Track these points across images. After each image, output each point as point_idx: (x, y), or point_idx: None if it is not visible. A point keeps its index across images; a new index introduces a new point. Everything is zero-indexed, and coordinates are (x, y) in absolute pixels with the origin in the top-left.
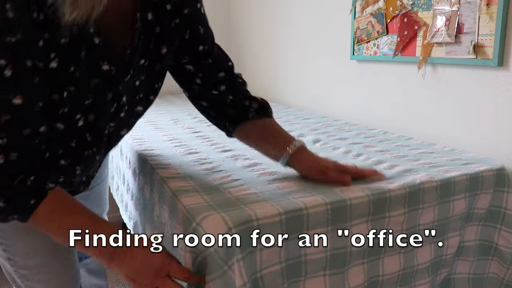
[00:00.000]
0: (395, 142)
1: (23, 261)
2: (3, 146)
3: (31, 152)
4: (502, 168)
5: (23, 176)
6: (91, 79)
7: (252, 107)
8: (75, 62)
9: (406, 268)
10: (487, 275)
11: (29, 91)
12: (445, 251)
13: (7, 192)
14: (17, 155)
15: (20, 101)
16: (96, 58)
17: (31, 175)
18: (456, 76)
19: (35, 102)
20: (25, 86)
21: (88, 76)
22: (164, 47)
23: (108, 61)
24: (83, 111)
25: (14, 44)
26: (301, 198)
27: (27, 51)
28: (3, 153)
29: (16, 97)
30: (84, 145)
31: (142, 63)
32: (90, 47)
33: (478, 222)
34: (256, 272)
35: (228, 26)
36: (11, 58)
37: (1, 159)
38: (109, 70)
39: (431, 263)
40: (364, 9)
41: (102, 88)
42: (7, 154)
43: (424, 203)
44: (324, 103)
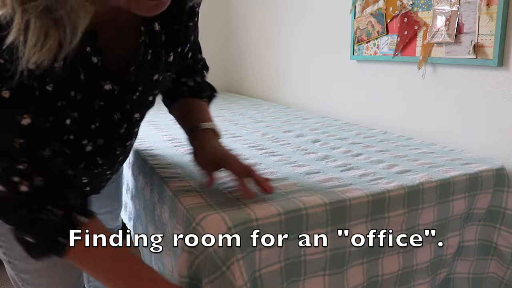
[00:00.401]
0: (395, 142)
1: (23, 265)
2: (26, 171)
3: (56, 175)
4: (502, 168)
5: (51, 207)
6: (95, 101)
7: (188, 85)
8: (73, 85)
9: (405, 267)
10: (486, 275)
11: (34, 108)
12: (445, 251)
13: (36, 229)
14: (42, 179)
15: (29, 120)
16: (96, 79)
17: (60, 207)
18: (456, 76)
19: (43, 120)
20: (28, 104)
21: (91, 98)
22: (171, 54)
23: (110, 80)
24: (90, 136)
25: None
26: (300, 198)
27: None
28: (27, 179)
29: (23, 116)
30: (94, 166)
31: (156, 79)
32: (89, 68)
33: (477, 222)
34: (255, 271)
35: (228, 26)
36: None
37: (25, 187)
38: (112, 90)
39: (430, 263)
40: (364, 9)
41: (107, 109)
42: (31, 180)
43: (424, 203)
44: (324, 103)
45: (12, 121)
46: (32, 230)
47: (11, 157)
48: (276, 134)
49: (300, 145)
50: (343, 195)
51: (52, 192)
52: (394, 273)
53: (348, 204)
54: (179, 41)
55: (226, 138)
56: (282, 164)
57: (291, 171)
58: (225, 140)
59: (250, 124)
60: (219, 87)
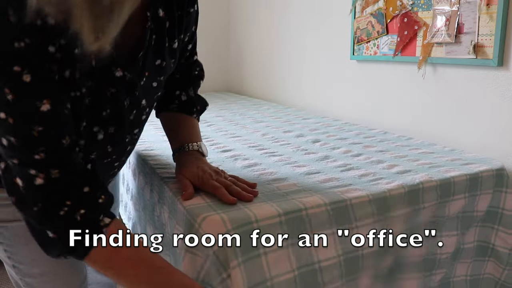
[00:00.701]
0: (395, 142)
1: (28, 269)
2: (42, 162)
3: (75, 167)
4: (501, 168)
5: (70, 203)
6: (107, 89)
7: (180, 99)
8: (87, 72)
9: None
10: (483, 276)
11: (54, 93)
12: (441, 250)
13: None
14: (59, 171)
15: (48, 106)
16: (107, 65)
17: (80, 206)
18: (456, 76)
19: (63, 106)
20: (48, 89)
21: (102, 85)
22: (175, 41)
23: (121, 66)
24: (101, 124)
25: (24, 49)
26: (300, 198)
27: (39, 55)
28: (43, 171)
29: (43, 102)
30: (104, 155)
31: (159, 64)
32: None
33: (477, 223)
34: (266, 280)
35: (228, 26)
36: (25, 63)
37: (41, 179)
38: (123, 76)
39: (422, 259)
40: (364, 9)
41: (118, 96)
42: (47, 172)
43: (424, 203)
44: (324, 103)
45: (31, 107)
46: (52, 226)
47: (29, 146)
48: (276, 134)
49: (300, 145)
50: (343, 195)
51: (70, 185)
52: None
53: (348, 204)
54: (181, 28)
55: (226, 138)
56: (282, 164)
57: (291, 171)
58: (225, 140)
59: (250, 124)
60: (219, 87)
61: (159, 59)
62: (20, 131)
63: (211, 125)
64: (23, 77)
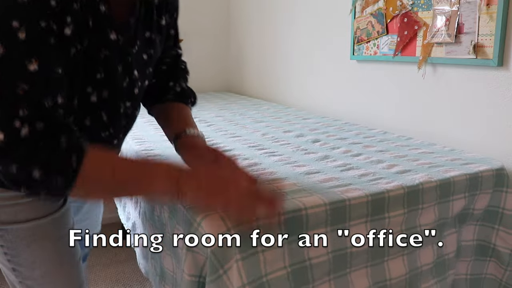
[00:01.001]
0: (395, 142)
1: (29, 272)
2: (27, 117)
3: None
4: (501, 168)
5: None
6: (101, 50)
7: (175, 90)
8: (84, 31)
9: (412, 270)
10: (485, 276)
11: (44, 54)
12: (446, 250)
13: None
14: (44, 125)
15: (36, 66)
16: (103, 27)
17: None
18: (456, 76)
19: (52, 68)
20: (40, 49)
21: (97, 47)
22: (163, 17)
23: (115, 29)
24: (95, 85)
25: (27, 3)
26: (300, 198)
27: (40, 11)
28: (28, 124)
29: (31, 61)
30: (100, 125)
31: (148, 36)
32: (96, 16)
33: (476, 221)
34: (261, 276)
35: (228, 26)
36: (25, 18)
37: (26, 131)
38: (117, 40)
39: (434, 264)
40: (364, 9)
41: (112, 60)
42: (33, 124)
43: (424, 203)
44: (324, 103)
45: (20, 65)
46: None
47: (13, 102)
48: (276, 134)
49: (300, 145)
50: (343, 195)
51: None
52: (402, 276)
53: (348, 204)
54: (167, 7)
55: (226, 138)
56: (282, 164)
57: (291, 171)
58: (225, 140)
59: (250, 124)
60: (219, 87)
61: (148, 32)
62: (6, 86)
63: (211, 125)
64: (18, 33)
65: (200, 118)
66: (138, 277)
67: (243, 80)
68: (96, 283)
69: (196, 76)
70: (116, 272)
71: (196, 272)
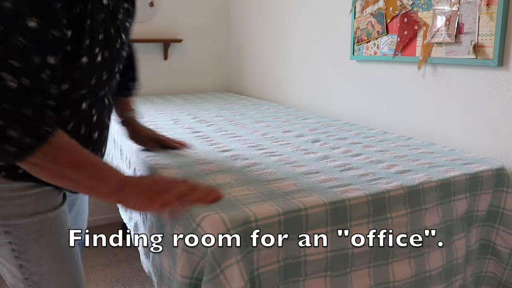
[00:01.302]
0: (395, 142)
1: (37, 268)
2: (18, 70)
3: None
4: (502, 168)
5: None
6: (99, 14)
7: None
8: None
9: (419, 274)
10: (485, 274)
11: (46, 15)
12: (455, 255)
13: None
14: (30, 82)
15: (36, 24)
16: None
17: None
18: (456, 76)
19: (51, 29)
20: (42, 9)
21: (96, 10)
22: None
23: None
24: (100, 46)
25: None
26: (300, 198)
27: None
28: (17, 78)
29: (32, 19)
30: (100, 83)
31: (126, 7)
32: None
33: (479, 223)
34: (253, 270)
35: (228, 26)
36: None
37: (15, 83)
38: (108, 5)
39: (443, 269)
40: (364, 9)
41: (107, 21)
42: (20, 79)
43: (426, 204)
44: (324, 103)
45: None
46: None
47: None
48: (276, 134)
49: (300, 145)
50: (343, 195)
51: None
52: (406, 279)
53: (348, 204)
54: None
55: (226, 138)
56: (281, 164)
57: (290, 171)
58: (225, 140)
59: (250, 124)
60: (219, 87)
61: (126, 3)
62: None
63: (211, 125)
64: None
65: (200, 118)
66: (138, 277)
67: (243, 80)
68: (96, 283)
69: (196, 76)
70: (116, 272)
71: (188, 274)
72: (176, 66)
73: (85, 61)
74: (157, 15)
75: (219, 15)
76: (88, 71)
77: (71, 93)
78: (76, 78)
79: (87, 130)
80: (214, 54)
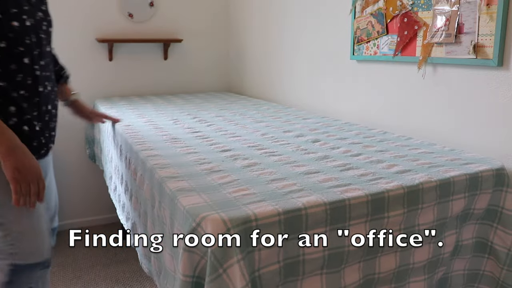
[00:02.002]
0: (395, 142)
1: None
2: None
3: None
4: (501, 168)
5: None
6: None
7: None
8: None
9: (402, 266)
10: (482, 272)
11: None
12: (443, 250)
13: None
14: None
15: None
16: None
17: None
18: (456, 76)
19: None
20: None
21: None
22: None
23: None
24: (27, 14)
25: None
26: (300, 198)
27: None
28: None
29: None
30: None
31: None
32: None
33: (475, 221)
34: (254, 271)
35: (229, 27)
36: None
37: None
38: None
39: (428, 262)
40: (364, 9)
41: None
42: None
43: (423, 203)
44: (324, 103)
45: None
46: None
47: None
48: (276, 134)
49: (299, 145)
50: (343, 195)
51: None
52: (390, 271)
53: (347, 204)
54: None
55: (226, 138)
56: (281, 164)
57: (290, 171)
58: (225, 140)
59: (250, 124)
60: (219, 87)
61: None
62: None
63: (211, 125)
64: None
65: (200, 118)
66: (138, 277)
67: (243, 80)
68: (96, 283)
69: (196, 76)
70: (116, 272)
71: (190, 273)
72: (176, 66)
73: (16, 25)
74: (157, 15)
75: (219, 15)
76: (20, 33)
77: (13, 49)
78: (12, 38)
79: (34, 83)
80: (214, 54)
